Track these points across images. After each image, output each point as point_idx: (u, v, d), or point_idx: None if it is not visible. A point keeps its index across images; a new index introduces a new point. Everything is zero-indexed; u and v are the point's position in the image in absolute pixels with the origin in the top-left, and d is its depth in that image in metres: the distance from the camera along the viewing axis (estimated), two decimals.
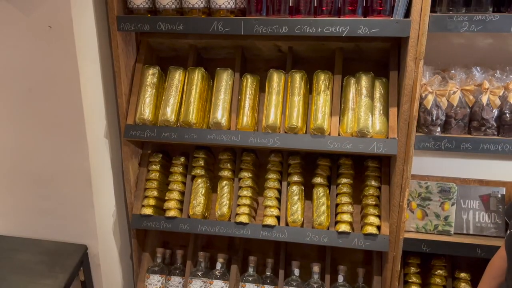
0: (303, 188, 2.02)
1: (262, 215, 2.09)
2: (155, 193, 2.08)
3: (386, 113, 1.85)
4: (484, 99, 1.79)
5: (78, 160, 1.88)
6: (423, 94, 1.81)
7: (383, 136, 1.82)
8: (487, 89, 1.80)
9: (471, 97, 1.82)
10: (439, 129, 1.82)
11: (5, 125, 1.90)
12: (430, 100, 1.78)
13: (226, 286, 2.07)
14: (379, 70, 2.00)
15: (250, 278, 2.06)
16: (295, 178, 2.00)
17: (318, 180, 1.98)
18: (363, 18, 1.73)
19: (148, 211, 2.05)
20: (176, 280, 2.16)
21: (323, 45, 1.94)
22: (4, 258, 1.93)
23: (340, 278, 2.01)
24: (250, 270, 2.08)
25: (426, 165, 2.01)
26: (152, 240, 2.28)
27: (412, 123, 1.73)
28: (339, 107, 1.89)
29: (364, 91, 1.85)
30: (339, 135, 1.86)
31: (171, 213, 2.04)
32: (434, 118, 1.80)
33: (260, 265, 2.18)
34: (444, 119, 1.83)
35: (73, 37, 1.72)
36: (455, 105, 1.81)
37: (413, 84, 1.71)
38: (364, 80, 1.86)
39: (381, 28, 1.69)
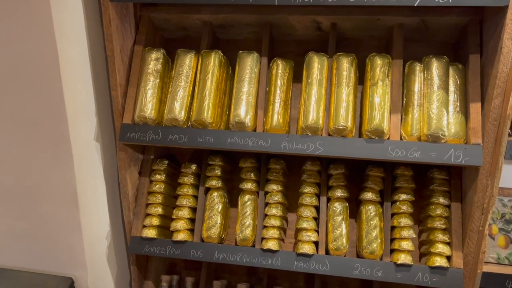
0: (347, 205, 1.60)
1: (292, 237, 1.74)
2: (159, 210, 1.70)
3: (463, 111, 1.42)
4: None
5: (60, 170, 1.54)
6: None
7: (461, 140, 1.40)
8: None
9: None
10: None
11: None
12: None
13: None
14: (446, 54, 1.58)
15: None
16: (339, 193, 1.58)
17: (369, 195, 1.56)
18: None
19: (150, 233, 1.67)
20: None
21: (378, 21, 1.52)
22: None
23: None
24: None
25: (508, 174, 1.57)
26: (156, 264, 1.91)
27: (504, 124, 1.32)
28: (400, 102, 1.45)
29: (436, 81, 1.41)
30: (401, 139, 1.43)
31: (180, 236, 1.65)
32: None
33: None
34: None
35: (50, 9, 1.37)
36: None
37: (510, 72, 1.28)
38: (436, 67, 1.43)
39: None
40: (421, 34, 1.59)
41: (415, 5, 1.28)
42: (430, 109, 1.39)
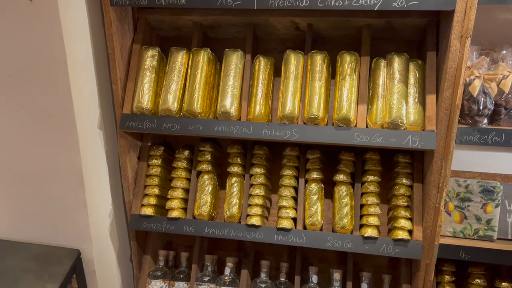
0: (322, 186, 1.79)
1: (275, 215, 1.90)
2: (156, 191, 1.87)
3: (422, 101, 1.60)
4: None
5: (68, 155, 1.68)
6: (468, 79, 1.55)
7: (419, 128, 1.58)
8: None
9: None
10: (486, 120, 1.57)
11: None
12: (476, 86, 1.53)
13: None
14: (411, 51, 1.76)
15: (263, 285, 1.85)
16: (314, 175, 1.76)
17: (341, 177, 1.74)
18: None
19: (148, 211, 1.85)
20: (180, 286, 1.96)
21: (349, 22, 1.69)
22: None
23: (364, 286, 1.79)
24: (263, 275, 1.88)
25: (463, 158, 1.75)
26: (154, 241, 2.08)
27: (454, 113, 1.49)
28: (367, 94, 1.64)
29: (397, 75, 1.59)
30: (367, 126, 1.62)
31: (174, 214, 1.83)
32: (480, 107, 1.55)
33: (273, 269, 1.99)
34: (492, 108, 1.58)
35: (58, 13, 1.51)
36: (506, 91, 1.55)
37: (457, 67, 1.46)
38: (397, 63, 1.61)
39: (421, 1, 1.43)
40: (388, 33, 1.76)
41: (375, 9, 1.46)
42: (391, 100, 1.57)
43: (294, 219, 1.77)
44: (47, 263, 1.73)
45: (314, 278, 1.82)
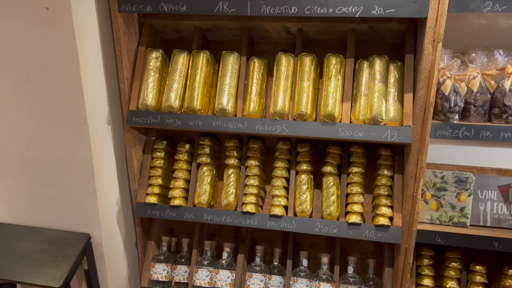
0: (312, 177, 1.94)
1: (269, 204, 2.04)
2: (159, 181, 2.02)
3: (400, 99, 1.75)
4: (507, 84, 1.68)
5: (79, 147, 1.83)
6: (441, 79, 1.70)
7: (397, 123, 1.73)
8: (510, 73, 1.69)
9: (492, 82, 1.71)
10: (457, 116, 1.72)
11: (2, 111, 1.85)
12: (448, 85, 1.68)
13: (233, 276, 2.02)
14: (394, 53, 1.90)
15: (257, 268, 2.00)
16: (304, 166, 1.92)
17: (328, 168, 1.90)
18: None
19: (152, 199, 2.00)
20: (181, 269, 2.12)
21: (335, 27, 1.84)
22: (6, 246, 1.90)
23: (350, 269, 1.94)
24: (257, 259, 2.03)
25: (442, 152, 1.91)
26: (158, 228, 2.23)
27: (429, 110, 1.64)
28: (351, 93, 1.79)
29: (377, 76, 1.75)
30: (350, 122, 1.78)
31: (176, 202, 1.99)
32: (452, 105, 1.70)
33: (268, 254, 2.14)
34: (462, 105, 1.72)
35: (72, 19, 1.65)
36: (475, 91, 1.70)
37: (430, 69, 1.61)
38: (378, 64, 1.76)
39: (397, 9, 1.59)
40: (373, 37, 1.90)
41: (356, 16, 1.62)
42: (372, 99, 1.73)
43: (286, 207, 1.93)
44: (61, 245, 1.89)
45: (305, 262, 1.98)
